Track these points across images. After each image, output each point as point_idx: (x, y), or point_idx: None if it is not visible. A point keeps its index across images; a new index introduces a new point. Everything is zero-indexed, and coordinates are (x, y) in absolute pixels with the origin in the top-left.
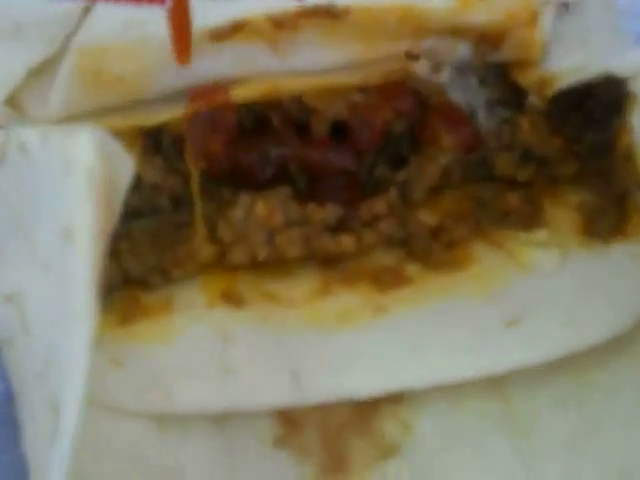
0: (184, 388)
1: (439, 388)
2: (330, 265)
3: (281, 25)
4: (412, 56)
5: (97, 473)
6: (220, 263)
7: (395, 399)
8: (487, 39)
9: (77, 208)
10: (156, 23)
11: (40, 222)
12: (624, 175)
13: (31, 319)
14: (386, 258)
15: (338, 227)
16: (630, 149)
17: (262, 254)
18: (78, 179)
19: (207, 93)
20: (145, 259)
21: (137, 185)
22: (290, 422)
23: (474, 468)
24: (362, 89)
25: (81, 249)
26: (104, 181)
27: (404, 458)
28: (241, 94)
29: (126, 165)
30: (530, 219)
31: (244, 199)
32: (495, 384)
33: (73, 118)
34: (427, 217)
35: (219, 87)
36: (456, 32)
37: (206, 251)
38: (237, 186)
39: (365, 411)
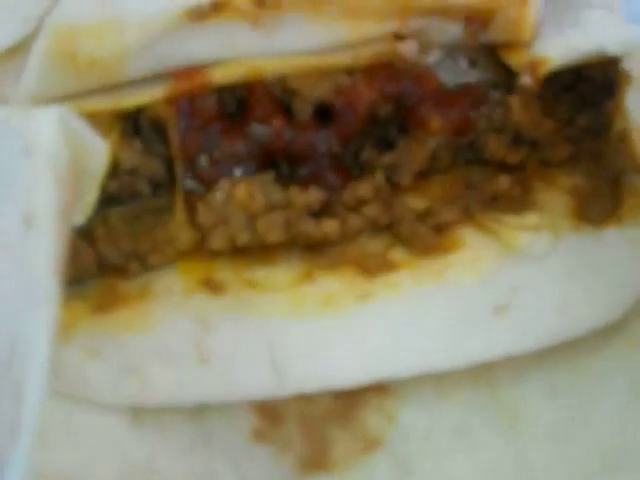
0: (160, 378)
1: (424, 377)
2: (314, 251)
3: (264, 4)
4: (400, 37)
5: (73, 464)
6: (200, 249)
7: (379, 389)
8: (476, 19)
9: (38, 192)
10: (134, 2)
11: (1, 206)
12: (618, 158)
13: None
14: (371, 243)
15: (322, 212)
16: (624, 131)
17: (242, 239)
18: (39, 162)
19: (187, 75)
20: (122, 245)
21: (115, 170)
22: (270, 414)
23: (461, 458)
24: (348, 71)
25: (42, 234)
26: (68, 163)
27: (388, 450)
28: (222, 76)
29: (98, 148)
30: (521, 203)
31: (224, 183)
32: (483, 372)
33: (48, 100)
34: (414, 201)
35: (199, 69)
36: (444, 12)
37: (185, 236)
38: (219, 171)
39: (348, 402)
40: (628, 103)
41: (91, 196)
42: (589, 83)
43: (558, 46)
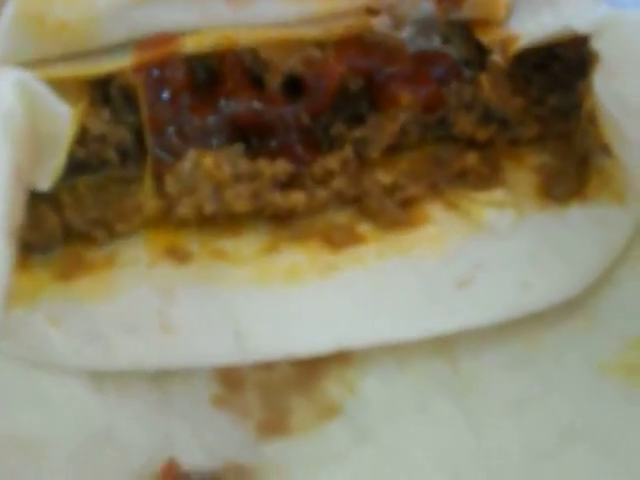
0: (123, 345)
1: (386, 348)
2: (280, 223)
3: None
4: (372, 11)
5: (35, 428)
6: (167, 219)
7: (340, 359)
8: None
9: None
10: None
11: None
12: (586, 138)
13: None
14: (338, 216)
15: (290, 184)
16: (594, 111)
17: (209, 208)
18: None
19: (157, 43)
20: (89, 213)
21: (83, 138)
22: (230, 381)
23: (419, 430)
24: (319, 44)
25: None
26: (24, 125)
27: (347, 419)
28: (193, 45)
29: (61, 114)
30: (488, 180)
31: (191, 153)
32: (443, 345)
33: (17, 65)
34: (382, 175)
35: (169, 37)
36: None
37: (152, 205)
38: (188, 142)
39: (308, 371)
40: (596, 83)
41: (57, 162)
42: (561, 63)
43: (529, 24)
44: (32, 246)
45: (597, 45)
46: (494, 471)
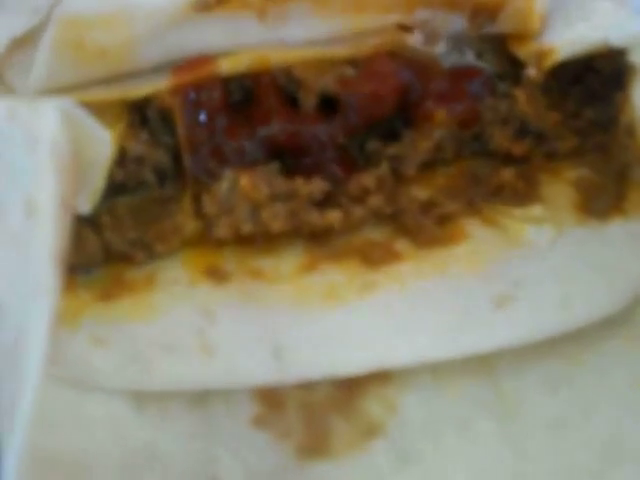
0: (164, 365)
1: (426, 367)
2: (317, 241)
3: None
4: (405, 27)
5: (75, 449)
6: (205, 239)
7: (380, 378)
8: (483, 10)
9: (40, 181)
10: None
11: (8, 197)
12: (624, 151)
13: (2, 296)
14: (375, 234)
15: (326, 202)
16: (631, 124)
17: (246, 228)
18: (41, 152)
19: (193, 65)
20: (128, 234)
21: (122, 159)
22: (271, 401)
23: (459, 450)
24: (353, 62)
25: (43, 222)
26: (68, 154)
27: (388, 438)
28: (228, 66)
29: (101, 137)
30: (525, 195)
31: (229, 173)
32: (484, 364)
33: (56, 90)
34: (418, 192)
35: (205, 59)
36: (451, 4)
37: (190, 225)
38: (224, 162)
39: (349, 390)
40: (635, 96)
41: (97, 185)
42: (597, 76)
43: (564, 38)
44: (74, 267)
45: (635, 58)
46: None
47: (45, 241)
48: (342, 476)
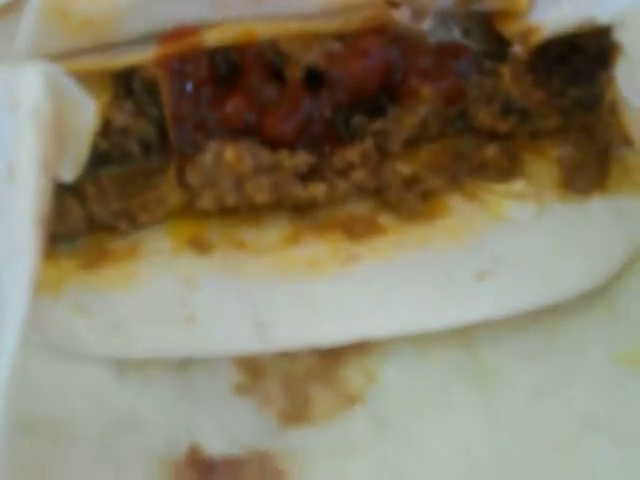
0: (146, 334)
1: (407, 338)
2: (301, 214)
3: None
4: (392, 3)
5: (59, 413)
6: (188, 210)
7: (361, 348)
8: None
9: (21, 143)
10: None
11: None
12: (608, 129)
13: None
14: (359, 208)
15: (311, 176)
16: (615, 103)
17: (230, 200)
18: (22, 115)
19: (178, 36)
20: (112, 204)
21: (107, 129)
22: (252, 370)
23: (438, 418)
24: (340, 37)
25: (22, 183)
26: (51, 117)
27: (367, 407)
28: (214, 38)
29: (85, 105)
30: (508, 172)
31: (213, 145)
32: (463, 335)
33: (41, 59)
34: (402, 167)
35: (191, 30)
36: None
37: (174, 196)
38: (209, 134)
39: (329, 360)
40: (618, 75)
41: (81, 154)
42: (582, 55)
43: (550, 16)
44: (57, 237)
45: (619, 36)
46: (512, 459)
47: (25, 202)
48: (322, 441)
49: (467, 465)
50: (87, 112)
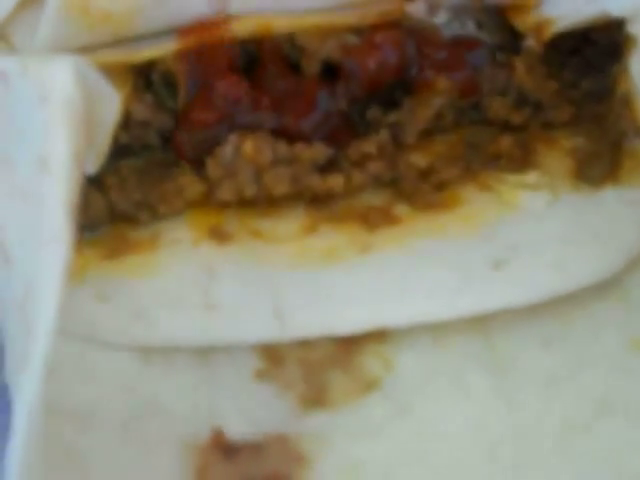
0: (167, 322)
1: (423, 326)
2: (318, 205)
3: None
4: None
5: (83, 399)
6: (208, 201)
7: (378, 336)
8: None
9: (53, 135)
10: None
11: (19, 151)
12: (620, 121)
13: (11, 249)
14: (375, 198)
15: (328, 167)
16: (628, 94)
17: (249, 191)
18: (54, 106)
19: (197, 30)
20: (133, 195)
21: (127, 122)
22: (272, 356)
23: (453, 403)
24: (356, 31)
25: (56, 174)
26: (82, 110)
27: (384, 393)
28: (232, 32)
29: (110, 98)
30: (521, 163)
31: (232, 137)
32: (479, 323)
33: (62, 52)
34: (418, 159)
35: (209, 24)
36: None
37: (194, 188)
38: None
39: (347, 348)
40: (632, 67)
41: (103, 146)
42: (595, 47)
43: (563, 8)
44: (80, 226)
45: (633, 29)
46: (527, 442)
47: (58, 194)
48: (340, 425)
49: (483, 449)
50: (113, 105)
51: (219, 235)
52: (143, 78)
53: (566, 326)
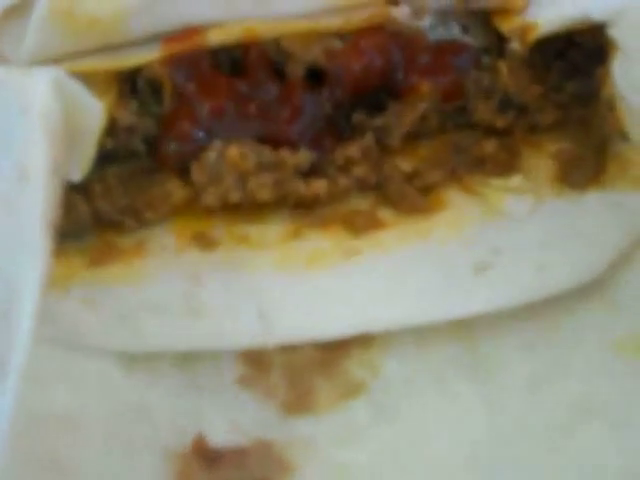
0: (153, 327)
1: (407, 330)
2: (303, 209)
3: None
4: (392, 1)
5: (67, 406)
6: (193, 207)
7: (362, 341)
8: None
9: (32, 148)
10: None
11: (1, 159)
12: (605, 124)
13: None
14: (360, 202)
15: (312, 172)
16: (612, 98)
17: (234, 197)
18: (33, 119)
19: (182, 36)
20: (118, 201)
21: (112, 128)
22: (256, 362)
23: (438, 408)
24: (341, 35)
25: (34, 186)
26: (61, 121)
27: (369, 398)
28: (217, 38)
29: (92, 108)
30: (506, 166)
31: (217, 143)
32: (462, 326)
33: (48, 60)
34: (402, 162)
35: (195, 30)
36: None
37: (179, 194)
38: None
39: (332, 353)
40: (614, 70)
41: (88, 154)
42: (579, 50)
43: (548, 12)
44: (65, 234)
45: (615, 32)
46: (509, 446)
47: (36, 205)
48: (325, 431)
49: (466, 453)
50: (94, 115)
51: (204, 241)
52: (128, 84)
53: (550, 329)
